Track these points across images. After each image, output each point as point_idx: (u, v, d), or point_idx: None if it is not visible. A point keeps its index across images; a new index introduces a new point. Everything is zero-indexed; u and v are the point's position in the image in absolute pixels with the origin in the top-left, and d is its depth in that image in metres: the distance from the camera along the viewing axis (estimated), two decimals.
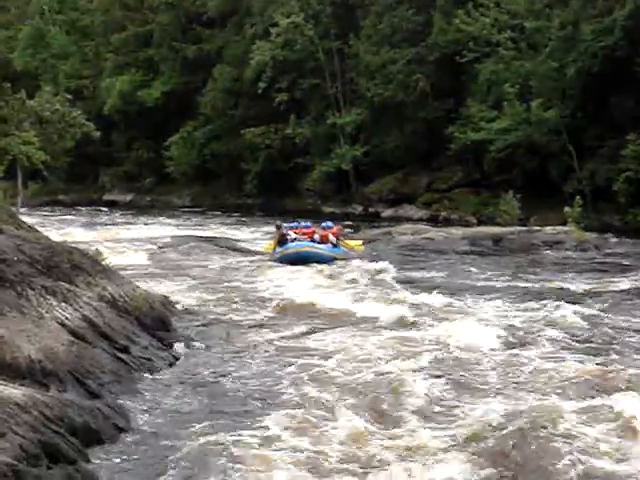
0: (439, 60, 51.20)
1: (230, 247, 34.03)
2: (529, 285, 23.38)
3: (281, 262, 28.33)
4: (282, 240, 29.64)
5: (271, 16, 58.70)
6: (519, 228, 33.73)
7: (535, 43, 44.45)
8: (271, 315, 19.39)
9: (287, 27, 56.41)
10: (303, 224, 31.85)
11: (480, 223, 41.16)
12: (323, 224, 31.77)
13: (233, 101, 63.78)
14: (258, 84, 57.01)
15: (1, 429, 9.27)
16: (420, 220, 45.84)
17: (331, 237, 30.11)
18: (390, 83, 52.50)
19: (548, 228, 32.78)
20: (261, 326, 18.06)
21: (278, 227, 31.34)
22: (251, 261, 29.74)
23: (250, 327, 17.93)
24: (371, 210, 53.41)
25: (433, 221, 45.40)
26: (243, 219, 50.75)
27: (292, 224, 31.96)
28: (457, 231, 33.93)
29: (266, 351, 15.74)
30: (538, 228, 33.19)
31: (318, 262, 28.02)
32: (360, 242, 32.65)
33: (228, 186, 64.19)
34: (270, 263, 28.82)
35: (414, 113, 51.98)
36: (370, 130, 54.88)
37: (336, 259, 28.92)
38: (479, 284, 23.67)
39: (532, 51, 44.44)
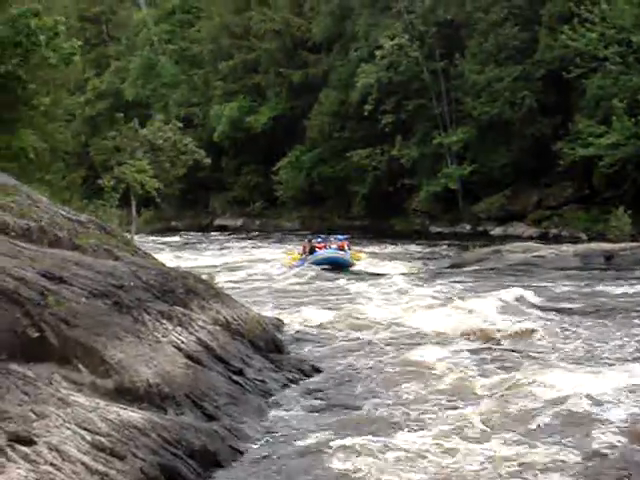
0: (545, 76, 50.79)
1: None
2: None
3: (313, 265, 34.68)
4: (313, 250, 36.54)
5: (376, 39, 58.92)
6: (631, 244, 33.14)
7: None
8: (383, 337, 19.02)
9: (392, 49, 56.56)
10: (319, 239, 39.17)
11: (591, 240, 40.50)
12: (335, 237, 39.64)
13: (339, 124, 64.12)
14: (364, 107, 57.25)
15: (122, 452, 9.54)
16: (530, 238, 45.26)
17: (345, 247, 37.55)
18: (496, 101, 52.23)
19: None
20: (373, 347, 17.81)
21: (309, 241, 38.11)
22: (361, 282, 29.73)
23: (362, 349, 17.71)
24: (480, 229, 53.07)
25: (543, 238, 44.76)
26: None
27: (318, 239, 39.15)
28: (568, 248, 33.50)
29: (382, 373, 15.53)
30: None
31: (341, 265, 35.08)
32: (365, 254, 39.17)
33: (336, 208, 64.60)
34: (384, 282, 29.10)
35: (521, 130, 51.62)
36: (477, 148, 54.59)
37: (352, 265, 35.77)
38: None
39: None
